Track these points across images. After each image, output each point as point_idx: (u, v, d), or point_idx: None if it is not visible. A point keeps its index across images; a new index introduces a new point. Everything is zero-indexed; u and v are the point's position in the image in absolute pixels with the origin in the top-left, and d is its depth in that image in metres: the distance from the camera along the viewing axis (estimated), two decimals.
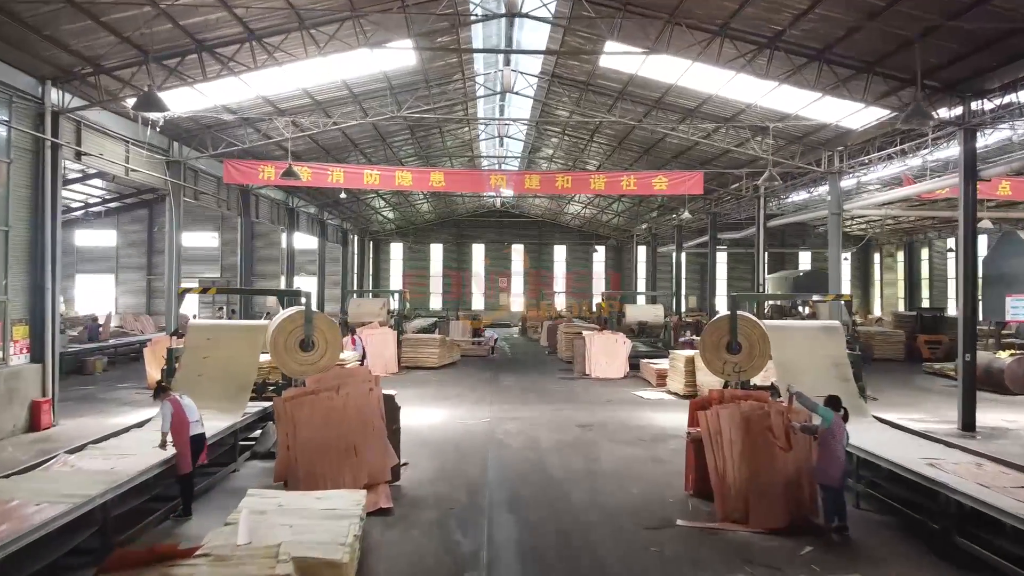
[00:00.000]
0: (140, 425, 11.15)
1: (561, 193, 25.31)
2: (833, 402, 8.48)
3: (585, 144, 27.51)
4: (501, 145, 31.70)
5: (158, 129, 18.32)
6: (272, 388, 11.94)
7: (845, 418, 8.40)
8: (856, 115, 18.54)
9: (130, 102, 16.30)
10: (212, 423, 10.80)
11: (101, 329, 27.35)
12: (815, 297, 24.69)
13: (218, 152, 20.60)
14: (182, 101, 18.01)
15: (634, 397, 18.58)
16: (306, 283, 41.59)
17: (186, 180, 21.45)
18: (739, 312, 11.47)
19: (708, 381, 18.11)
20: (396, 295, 26.97)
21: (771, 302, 47.91)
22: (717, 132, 21.59)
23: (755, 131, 21.19)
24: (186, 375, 11.91)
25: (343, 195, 22.63)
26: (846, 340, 12.71)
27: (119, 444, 9.94)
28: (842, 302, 16.17)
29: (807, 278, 45.00)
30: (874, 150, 20.96)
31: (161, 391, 9.34)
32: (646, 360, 22.31)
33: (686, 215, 24.90)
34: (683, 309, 42.86)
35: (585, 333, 23.51)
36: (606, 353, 22.52)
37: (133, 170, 18.65)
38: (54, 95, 14.74)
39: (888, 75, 15.17)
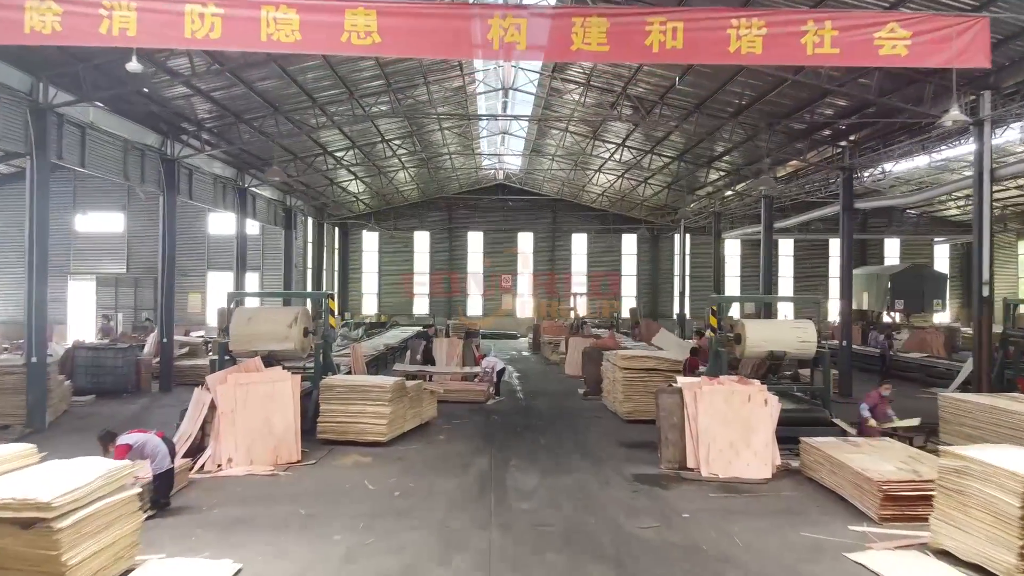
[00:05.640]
0: None
1: (653, 60, 12.10)
2: None
3: None
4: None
5: None
6: None
7: None
8: None
9: None
10: None
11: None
12: None
13: None
14: None
15: None
16: (223, 282, 30.07)
17: None
18: None
19: None
20: (321, 302, 15.11)
21: (868, 308, 36.08)
22: None
23: None
24: None
25: (133, 64, 10.27)
26: None
27: None
28: None
29: (907, 276, 33.70)
30: None
31: None
32: (821, 443, 10.40)
33: (957, 111, 10.87)
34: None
35: (682, 381, 11.45)
36: (731, 425, 10.70)
37: None
38: None
39: None
